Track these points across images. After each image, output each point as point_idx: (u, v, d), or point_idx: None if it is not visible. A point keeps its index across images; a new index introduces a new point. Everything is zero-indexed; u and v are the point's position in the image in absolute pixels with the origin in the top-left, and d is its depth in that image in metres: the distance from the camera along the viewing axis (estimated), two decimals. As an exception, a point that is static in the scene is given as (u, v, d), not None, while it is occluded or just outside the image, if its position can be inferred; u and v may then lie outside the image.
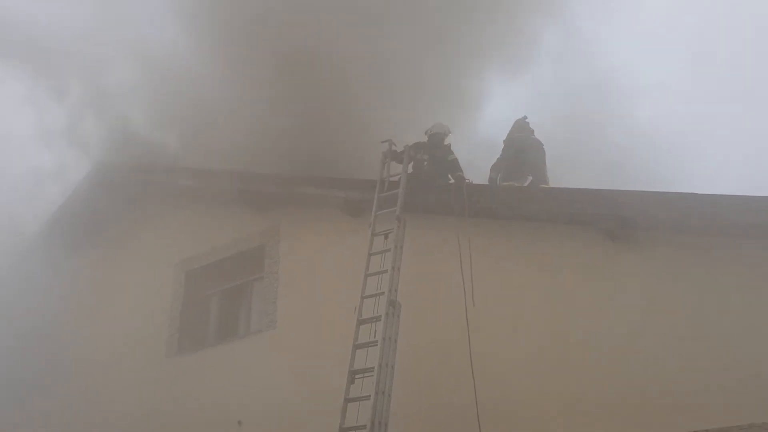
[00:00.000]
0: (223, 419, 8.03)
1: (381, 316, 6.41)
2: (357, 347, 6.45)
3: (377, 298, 6.66)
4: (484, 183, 8.51)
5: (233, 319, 9.43)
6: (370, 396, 5.90)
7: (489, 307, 6.63)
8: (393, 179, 7.73)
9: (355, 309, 6.71)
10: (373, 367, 6.07)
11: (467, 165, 7.84)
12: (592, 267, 6.46)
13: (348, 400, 6.13)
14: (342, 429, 5.98)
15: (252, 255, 9.18)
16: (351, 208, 8.11)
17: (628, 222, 6.22)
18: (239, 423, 7.93)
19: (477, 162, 9.02)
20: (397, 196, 7.35)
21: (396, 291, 6.64)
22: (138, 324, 9.63)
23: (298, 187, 8.72)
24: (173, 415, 8.54)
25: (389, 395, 6.02)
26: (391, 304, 6.50)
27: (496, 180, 8.80)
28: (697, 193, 6.04)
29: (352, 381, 6.24)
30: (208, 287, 9.75)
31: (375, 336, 6.35)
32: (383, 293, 6.59)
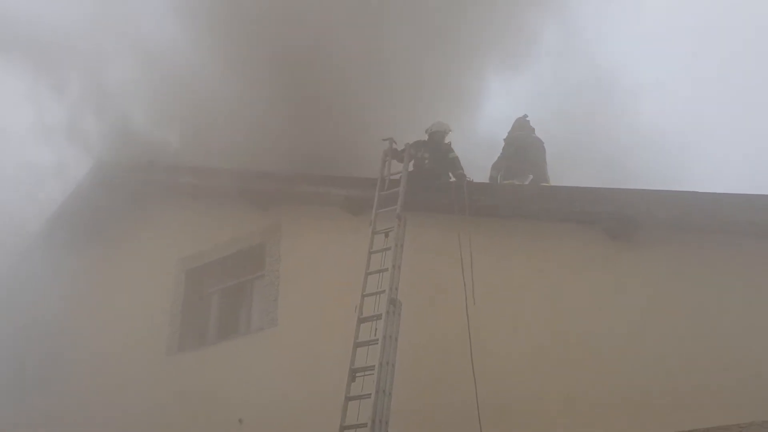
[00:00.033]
0: (224, 417, 8.04)
1: (382, 314, 6.41)
2: (358, 345, 6.46)
3: (378, 296, 6.66)
4: (484, 181, 8.51)
5: (234, 318, 9.44)
6: (370, 394, 5.90)
7: (489, 306, 6.64)
8: (394, 177, 7.73)
9: (356, 307, 6.71)
10: (374, 366, 6.08)
11: (467, 163, 7.83)
12: (592, 265, 6.45)
13: (349, 398, 6.13)
14: (343, 427, 5.98)
15: (253, 253, 9.18)
16: (352, 206, 8.12)
17: (628, 220, 6.22)
18: (240, 421, 7.94)
19: (477, 160, 9.02)
20: (398, 194, 7.35)
21: (397, 289, 6.65)
22: (139, 322, 9.64)
23: (298, 186, 8.73)
24: (174, 414, 8.55)
25: (390, 393, 6.03)
26: (392, 302, 6.51)
27: (496, 178, 8.80)
28: (698, 192, 6.03)
29: (352, 379, 6.24)
30: (208, 285, 9.76)
31: (376, 334, 6.34)
32: (384, 291, 6.59)
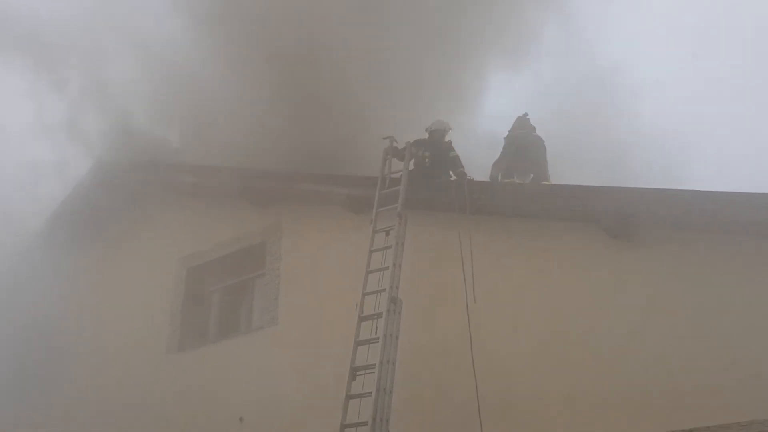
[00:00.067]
0: (225, 416, 8.05)
1: (382, 312, 6.41)
2: (358, 344, 6.46)
3: (378, 295, 6.66)
4: (485, 180, 8.51)
5: (235, 316, 9.45)
6: (371, 393, 5.90)
7: (490, 304, 6.64)
8: (394, 176, 7.73)
9: (357, 306, 6.71)
10: (375, 364, 6.08)
11: (467, 161, 7.82)
12: (593, 264, 6.45)
13: (349, 396, 6.13)
14: (343, 425, 5.99)
15: (253, 252, 9.19)
16: (352, 204, 8.12)
17: (628, 219, 6.22)
18: (240, 419, 7.95)
19: (477, 159, 9.01)
20: (399, 192, 7.35)
21: (397, 288, 6.65)
22: (139, 321, 9.65)
23: (299, 184, 8.73)
24: (175, 412, 8.56)
25: (390, 392, 6.03)
26: (393, 300, 6.51)
27: (497, 177, 8.81)
28: (698, 190, 6.03)
29: (353, 378, 6.24)
30: (209, 284, 9.77)
31: (376, 333, 6.34)
32: (384, 290, 6.59)
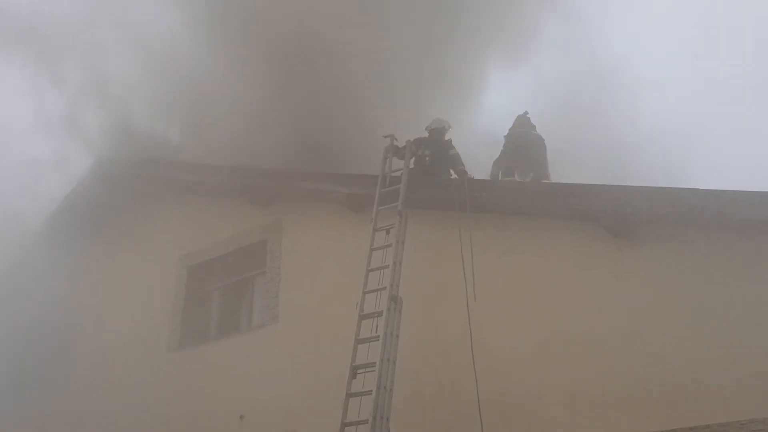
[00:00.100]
0: (225, 414, 8.06)
1: (382, 311, 6.41)
2: (359, 342, 6.46)
3: (379, 293, 6.66)
4: (485, 178, 8.51)
5: (235, 315, 9.45)
6: (371, 391, 5.90)
7: (490, 302, 6.64)
8: (395, 174, 7.73)
9: (357, 304, 6.71)
10: (375, 362, 6.08)
11: (467, 159, 7.83)
12: (593, 262, 6.46)
13: (350, 395, 6.13)
14: (344, 424, 5.99)
15: (254, 250, 9.19)
16: (353, 203, 8.12)
17: (629, 218, 6.23)
18: (241, 417, 7.95)
19: (477, 157, 9.01)
20: (399, 191, 7.36)
21: (397, 286, 6.65)
22: (140, 319, 9.66)
23: (300, 183, 8.73)
24: (175, 410, 8.57)
25: (391, 390, 6.03)
26: (393, 299, 6.51)
27: (497, 176, 8.83)
28: (699, 189, 6.04)
29: (353, 376, 6.25)
30: (210, 282, 9.77)
31: (377, 331, 6.34)
32: (385, 288, 6.59)
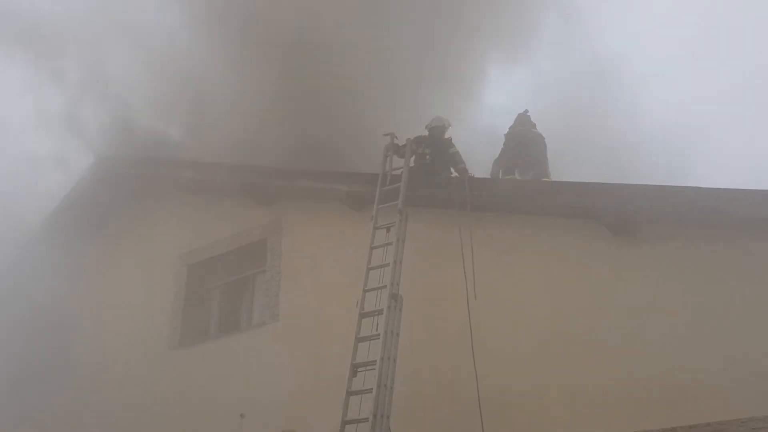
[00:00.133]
0: (226, 412, 8.06)
1: (383, 309, 6.41)
2: (359, 340, 6.46)
3: (379, 291, 6.67)
4: (485, 176, 8.51)
5: (235, 313, 9.45)
6: (372, 389, 5.91)
7: (491, 300, 6.65)
8: (395, 173, 7.73)
9: (357, 302, 6.71)
10: (375, 361, 6.08)
11: (467, 156, 7.83)
12: (594, 261, 6.46)
13: (350, 393, 6.13)
14: (344, 422, 5.99)
15: (254, 249, 9.19)
16: (353, 201, 8.12)
17: (630, 216, 6.23)
18: (241, 416, 7.95)
19: (477, 154, 9.00)
20: (399, 189, 7.35)
21: (398, 284, 6.65)
22: (140, 318, 9.65)
23: (300, 181, 8.73)
24: (176, 409, 8.56)
25: (391, 388, 6.04)
26: (393, 297, 6.51)
27: (498, 175, 8.83)
28: (699, 187, 6.04)
29: (354, 374, 6.25)
30: (210, 281, 9.77)
31: (377, 329, 6.35)
32: (385, 286, 6.59)
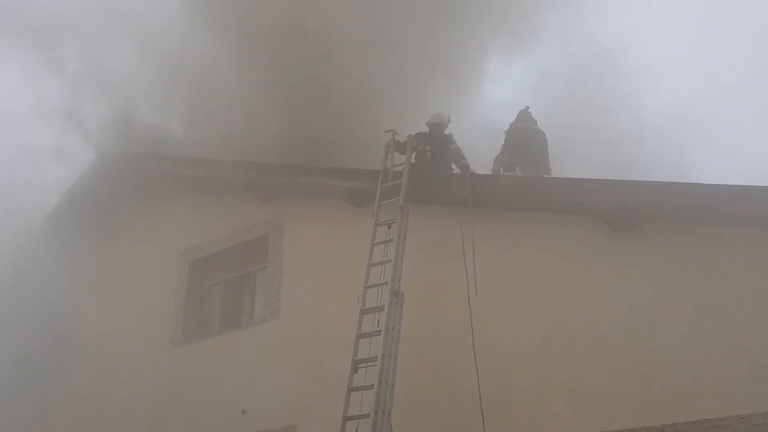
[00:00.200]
0: (227, 408, 8.08)
1: (384, 305, 6.42)
2: (360, 337, 6.47)
3: (380, 287, 6.67)
4: (485, 172, 8.50)
5: (237, 309, 9.47)
6: (373, 385, 5.92)
7: (492, 297, 6.65)
8: (396, 169, 7.73)
9: (358, 299, 6.72)
10: (377, 357, 6.09)
11: (468, 151, 7.83)
12: (594, 257, 6.45)
13: (351, 389, 6.15)
14: (346, 418, 6.00)
15: (255, 245, 9.20)
16: (354, 198, 8.12)
17: (630, 212, 6.22)
18: (243, 412, 7.98)
19: (477, 148, 8.98)
20: (400, 186, 7.35)
21: (399, 281, 6.65)
22: (142, 313, 9.68)
23: (301, 177, 8.73)
24: (177, 405, 8.60)
25: (392, 384, 6.05)
26: (394, 293, 6.52)
27: (499, 171, 8.83)
28: (700, 183, 6.05)
29: (355, 370, 6.26)
30: (211, 277, 9.79)
31: (378, 326, 6.36)
32: (386, 283, 6.60)
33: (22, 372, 10.11)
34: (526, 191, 7.14)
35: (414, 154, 7.79)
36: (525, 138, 9.03)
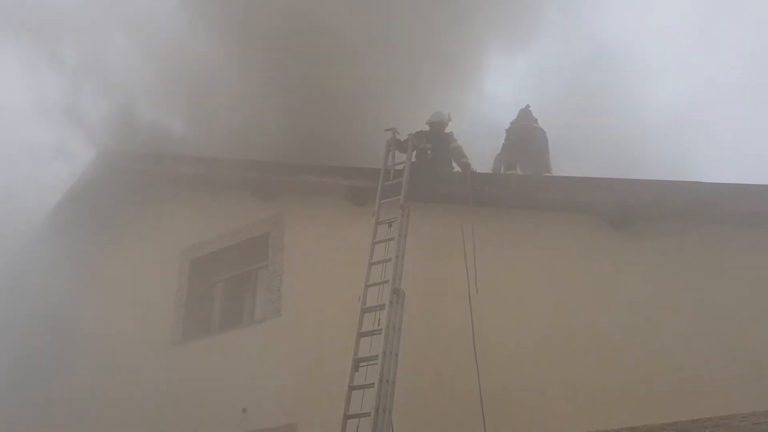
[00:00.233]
0: (228, 406, 8.08)
1: (385, 304, 6.42)
2: (361, 335, 6.47)
3: (381, 286, 6.66)
4: (486, 170, 8.50)
5: (238, 308, 9.48)
6: (374, 384, 5.92)
7: (492, 295, 6.65)
8: (397, 168, 7.73)
9: (359, 297, 6.72)
10: (377, 355, 6.08)
11: (468, 148, 7.82)
12: (595, 255, 6.46)
13: (352, 387, 6.14)
14: (346, 416, 6.00)
15: (256, 244, 9.21)
16: (355, 196, 8.13)
17: (631, 211, 6.23)
18: (244, 410, 7.98)
19: (477, 146, 8.97)
20: (401, 184, 7.35)
21: (400, 279, 6.65)
22: (143, 312, 9.69)
23: (302, 176, 8.73)
24: (178, 403, 8.60)
25: (393, 383, 6.04)
26: (395, 292, 6.51)
27: (499, 170, 8.83)
28: (700, 182, 6.04)
29: (356, 369, 6.25)
30: (212, 276, 9.80)
31: (379, 324, 6.35)
32: (387, 282, 6.59)
33: (22, 372, 10.12)
34: (526, 190, 7.14)
35: (415, 152, 7.79)
36: (525, 137, 9.04)
